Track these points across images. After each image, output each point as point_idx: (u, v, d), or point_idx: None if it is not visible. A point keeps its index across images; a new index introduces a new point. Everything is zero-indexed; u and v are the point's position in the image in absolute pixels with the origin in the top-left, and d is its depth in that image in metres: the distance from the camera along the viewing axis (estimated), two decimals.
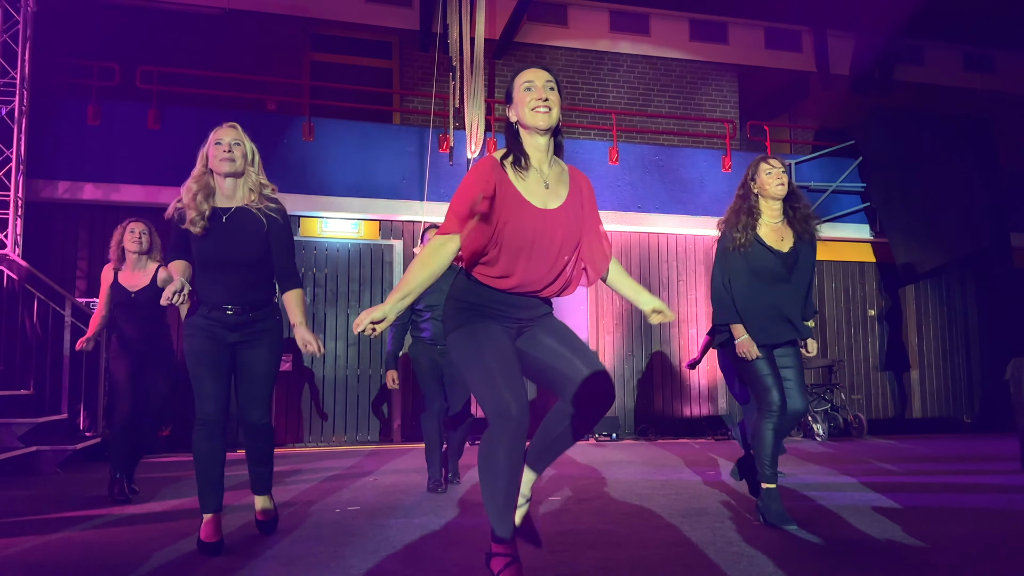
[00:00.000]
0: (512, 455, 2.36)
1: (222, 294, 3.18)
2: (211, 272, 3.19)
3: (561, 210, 2.55)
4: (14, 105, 7.76)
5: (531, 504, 2.81)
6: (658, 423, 9.92)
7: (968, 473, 5.69)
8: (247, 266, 3.21)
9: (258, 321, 3.26)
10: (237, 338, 3.24)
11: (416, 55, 11.24)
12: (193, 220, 3.13)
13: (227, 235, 3.18)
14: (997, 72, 13.63)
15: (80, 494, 5.01)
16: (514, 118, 2.58)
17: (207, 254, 3.17)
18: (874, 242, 11.10)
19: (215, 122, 3.38)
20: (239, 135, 3.25)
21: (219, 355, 3.20)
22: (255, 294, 3.25)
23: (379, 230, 9.41)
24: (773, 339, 3.69)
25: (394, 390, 9.07)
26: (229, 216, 3.20)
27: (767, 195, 3.68)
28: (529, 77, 2.56)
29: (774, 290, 3.66)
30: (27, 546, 3.34)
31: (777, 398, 3.60)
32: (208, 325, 3.20)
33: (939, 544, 3.12)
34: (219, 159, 3.18)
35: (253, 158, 3.28)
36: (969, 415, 11.31)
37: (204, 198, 3.16)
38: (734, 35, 12.54)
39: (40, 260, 7.93)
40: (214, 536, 3.13)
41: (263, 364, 3.28)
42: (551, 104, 2.51)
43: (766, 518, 3.58)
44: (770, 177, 3.65)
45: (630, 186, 10.10)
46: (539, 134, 2.55)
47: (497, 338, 2.48)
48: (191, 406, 3.35)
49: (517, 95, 2.56)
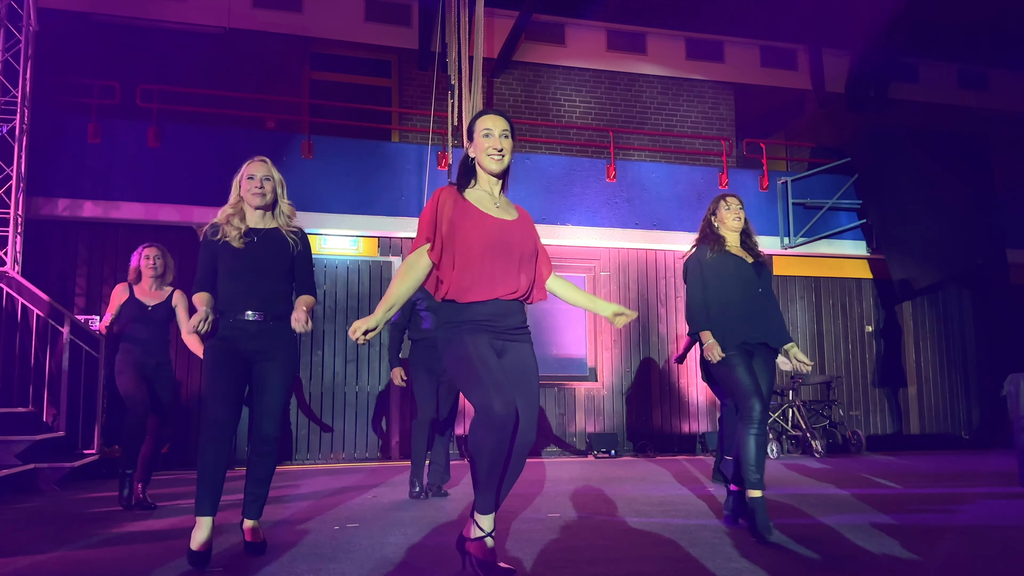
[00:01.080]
0: (494, 441, 2.66)
1: (248, 302, 3.37)
2: (242, 280, 3.38)
3: (515, 222, 2.95)
4: (15, 123, 7.80)
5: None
6: (656, 439, 9.91)
7: (967, 488, 5.69)
8: (275, 277, 3.44)
9: (277, 333, 3.41)
10: (255, 347, 3.36)
11: (415, 73, 11.32)
12: (232, 237, 3.39)
13: (260, 248, 3.43)
14: (991, 90, 13.74)
15: (78, 512, 5.00)
16: (472, 155, 2.97)
17: (240, 263, 3.38)
18: (871, 258, 11.14)
19: (215, 140, 3.52)
20: (269, 170, 3.51)
21: (236, 364, 3.33)
22: (277, 305, 3.43)
23: (378, 247, 9.44)
24: (749, 337, 3.94)
25: (391, 407, 9.09)
26: (261, 236, 3.47)
27: (726, 228, 4.19)
28: (488, 125, 2.91)
29: (749, 294, 4.01)
30: (24, 564, 3.33)
31: (757, 405, 3.80)
32: (229, 336, 3.35)
33: (937, 560, 3.13)
34: (251, 193, 3.45)
35: (282, 189, 3.58)
36: (967, 431, 11.31)
37: (240, 220, 3.44)
38: (730, 53, 12.65)
39: (39, 277, 7.96)
40: (204, 545, 3.15)
41: (278, 377, 3.41)
42: (504, 152, 2.91)
43: (752, 526, 3.64)
44: (728, 212, 4.18)
45: (627, 203, 10.15)
46: (492, 175, 2.95)
47: (483, 346, 2.81)
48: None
49: (476, 138, 2.94)
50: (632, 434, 9.94)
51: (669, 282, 10.42)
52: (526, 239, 2.94)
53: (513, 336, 2.90)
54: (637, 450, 9.74)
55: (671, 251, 10.40)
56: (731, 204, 4.19)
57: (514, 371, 2.85)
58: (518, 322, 2.92)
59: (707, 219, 4.30)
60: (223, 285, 3.40)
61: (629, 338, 10.17)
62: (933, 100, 13.36)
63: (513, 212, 3.00)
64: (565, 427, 9.77)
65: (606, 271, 10.22)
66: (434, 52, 10.13)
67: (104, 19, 10.04)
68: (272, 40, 10.67)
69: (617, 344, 10.11)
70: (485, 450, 2.68)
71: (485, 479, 2.73)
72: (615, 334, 10.11)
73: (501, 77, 11.58)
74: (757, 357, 3.98)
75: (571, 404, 9.83)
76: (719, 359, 3.92)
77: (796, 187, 10.76)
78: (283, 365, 3.42)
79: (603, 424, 9.92)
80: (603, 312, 3.05)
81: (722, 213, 4.19)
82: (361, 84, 11.39)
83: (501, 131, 2.90)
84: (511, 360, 2.88)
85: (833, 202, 10.78)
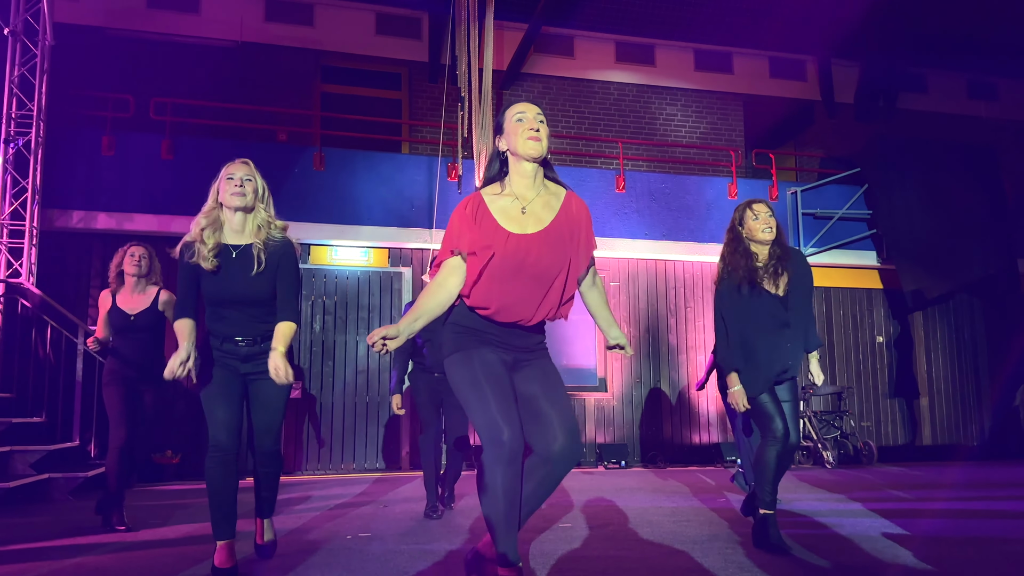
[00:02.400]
0: (507, 479, 2.43)
1: (233, 328, 3.25)
2: (222, 308, 3.25)
3: (540, 235, 2.63)
4: (31, 136, 7.89)
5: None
6: (667, 450, 9.89)
7: (980, 499, 5.67)
8: (257, 303, 3.27)
9: (268, 353, 3.23)
10: (249, 368, 3.29)
11: (425, 86, 11.40)
12: (205, 257, 3.18)
13: (236, 272, 3.23)
14: (1001, 99, 13.72)
15: (93, 521, 5.03)
16: (504, 147, 2.71)
17: (217, 291, 3.23)
18: (881, 268, 11.12)
19: (228, 153, 3.45)
20: (251, 171, 3.32)
21: (232, 385, 3.25)
22: (266, 327, 3.29)
23: (388, 258, 9.48)
24: (776, 375, 3.73)
25: (401, 417, 9.10)
26: (239, 252, 3.26)
27: (755, 240, 3.74)
28: (521, 109, 2.70)
29: (775, 336, 3.70)
30: (43, 571, 3.36)
31: (780, 425, 3.64)
32: (220, 357, 3.26)
33: (951, 570, 3.12)
34: (230, 193, 3.23)
35: (263, 194, 3.34)
36: (978, 442, 11.24)
37: (212, 232, 3.21)
38: (739, 65, 12.68)
39: (54, 289, 8.02)
40: (228, 562, 3.16)
41: (274, 394, 3.32)
42: (541, 135, 2.65)
43: (764, 544, 3.60)
44: (757, 223, 3.73)
45: (637, 214, 10.17)
46: (528, 162, 2.67)
47: (492, 364, 2.58)
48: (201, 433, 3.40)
49: (509, 126, 2.69)
50: (642, 445, 9.93)
51: (679, 292, 10.42)
52: (550, 252, 2.62)
53: (528, 354, 2.69)
54: (647, 461, 9.72)
55: (680, 261, 10.41)
56: (759, 212, 3.74)
57: (537, 381, 2.63)
58: (535, 343, 2.71)
59: (733, 230, 3.83)
60: (207, 311, 3.29)
61: (639, 349, 10.16)
62: (942, 110, 13.35)
63: (548, 215, 2.68)
64: None
65: (616, 281, 10.24)
66: (444, 64, 10.21)
67: (119, 33, 10.15)
68: (284, 53, 10.77)
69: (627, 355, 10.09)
70: (499, 489, 2.42)
71: (504, 522, 2.45)
72: None
73: (511, 89, 11.65)
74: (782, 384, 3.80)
75: (581, 415, 9.83)
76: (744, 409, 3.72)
77: (806, 197, 10.76)
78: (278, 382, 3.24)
79: (613, 435, 9.90)
80: (608, 336, 2.81)
81: (749, 224, 3.75)
82: (372, 97, 11.47)
83: (535, 114, 2.68)
84: (531, 372, 2.65)
85: (843, 212, 10.77)
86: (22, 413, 6.97)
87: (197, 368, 3.17)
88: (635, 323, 10.23)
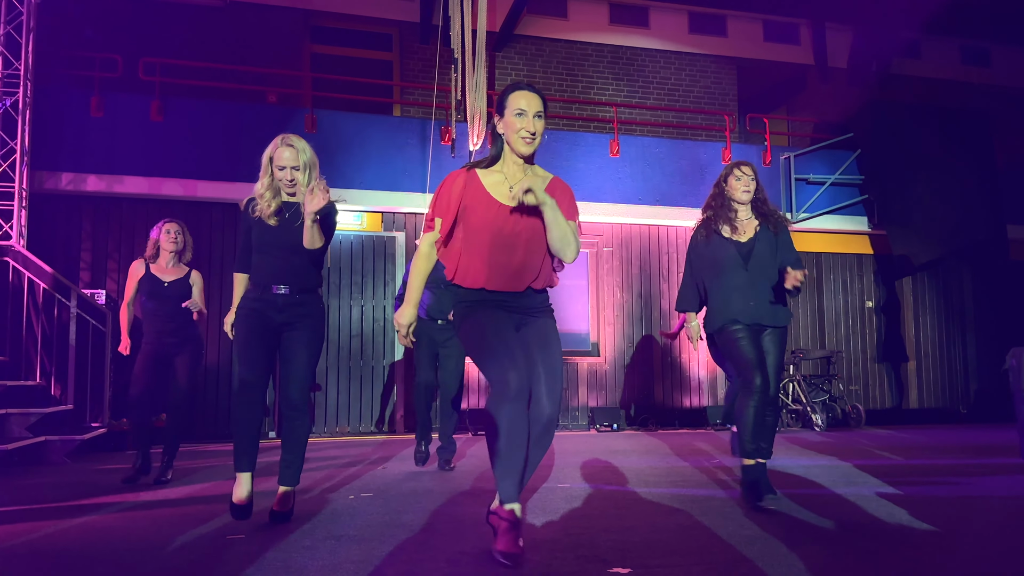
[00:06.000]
0: (511, 416, 2.59)
1: (275, 275, 3.51)
2: (269, 255, 3.51)
3: (519, 207, 2.75)
4: (18, 96, 7.76)
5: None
6: (658, 413, 10.00)
7: (968, 461, 5.78)
8: (302, 252, 3.50)
9: (303, 305, 3.55)
10: (283, 319, 3.52)
11: (417, 47, 11.26)
12: (268, 216, 3.51)
13: (287, 224, 3.53)
14: (994, 66, 13.71)
15: (95, 482, 5.06)
16: (501, 131, 2.84)
17: (269, 239, 3.52)
18: (872, 234, 11.18)
19: (218, 114, 3.58)
20: (296, 156, 3.48)
21: (265, 331, 3.50)
22: (304, 279, 3.56)
23: (381, 222, 9.45)
24: (743, 317, 3.92)
25: (396, 380, 9.13)
26: (292, 211, 3.55)
27: (734, 199, 4.08)
28: (522, 105, 2.76)
29: (736, 277, 3.97)
30: (50, 530, 3.39)
31: (758, 378, 3.80)
32: (258, 308, 3.51)
33: (949, 528, 3.19)
34: (283, 183, 3.52)
35: (311, 170, 3.53)
36: (965, 406, 11.42)
37: (272, 197, 3.52)
38: (733, 28, 12.59)
39: (44, 251, 7.95)
40: (240, 496, 3.37)
41: (305, 345, 3.55)
42: (536, 135, 2.79)
43: (746, 492, 3.75)
44: (738, 183, 4.07)
45: (630, 178, 10.15)
46: (521, 157, 2.85)
47: (499, 320, 2.77)
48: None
49: (508, 117, 2.79)
50: (634, 408, 10.03)
51: (672, 257, 10.45)
52: (530, 223, 2.77)
53: (532, 314, 2.87)
54: (639, 424, 9.83)
55: (674, 226, 10.43)
56: (741, 174, 4.05)
57: (534, 339, 2.79)
58: (537, 303, 2.89)
59: (718, 185, 4.16)
60: (254, 258, 3.57)
61: (631, 313, 10.22)
62: (935, 76, 13.34)
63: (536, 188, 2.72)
64: (568, 401, 9.84)
65: (609, 246, 10.25)
66: (436, 25, 10.07)
67: None
68: (273, 13, 10.60)
69: (619, 319, 10.16)
70: (503, 424, 2.59)
71: (505, 460, 2.61)
72: (616, 309, 10.17)
73: (503, 51, 11.52)
74: (766, 335, 3.98)
75: (573, 379, 9.90)
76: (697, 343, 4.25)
77: (799, 163, 10.77)
78: (309, 334, 3.56)
79: (605, 398, 9.99)
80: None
81: (732, 183, 4.07)
82: (362, 58, 11.33)
83: (535, 112, 2.76)
84: (531, 331, 2.82)
85: (835, 177, 10.79)
86: (16, 376, 6.95)
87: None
88: (627, 288, 10.27)
